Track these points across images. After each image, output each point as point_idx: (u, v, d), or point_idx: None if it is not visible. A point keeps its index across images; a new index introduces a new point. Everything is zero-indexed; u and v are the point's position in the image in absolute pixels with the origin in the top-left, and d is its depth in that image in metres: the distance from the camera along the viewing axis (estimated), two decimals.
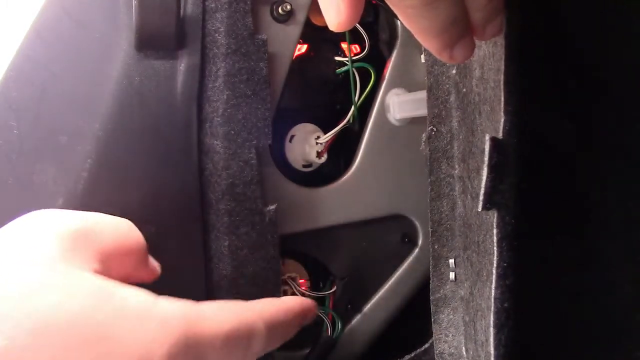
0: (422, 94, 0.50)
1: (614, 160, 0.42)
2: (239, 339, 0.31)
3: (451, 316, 0.46)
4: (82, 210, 0.40)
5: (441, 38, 0.28)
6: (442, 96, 0.46)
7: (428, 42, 0.29)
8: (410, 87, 0.54)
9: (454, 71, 0.44)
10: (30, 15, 0.40)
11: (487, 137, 0.32)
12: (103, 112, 0.41)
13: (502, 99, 0.33)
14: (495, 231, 0.34)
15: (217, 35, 0.44)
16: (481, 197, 0.33)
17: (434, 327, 0.48)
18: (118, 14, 0.42)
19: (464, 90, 0.40)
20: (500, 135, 0.33)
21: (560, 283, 0.42)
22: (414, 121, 0.55)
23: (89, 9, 0.41)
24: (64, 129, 0.40)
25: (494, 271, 0.34)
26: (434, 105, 0.47)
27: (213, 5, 0.44)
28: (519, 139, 0.33)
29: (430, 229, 0.48)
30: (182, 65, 0.43)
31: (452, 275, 0.46)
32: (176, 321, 0.29)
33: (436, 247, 0.48)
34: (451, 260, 0.46)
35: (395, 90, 0.54)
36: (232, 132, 0.45)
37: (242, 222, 0.46)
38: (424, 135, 0.49)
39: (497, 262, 0.34)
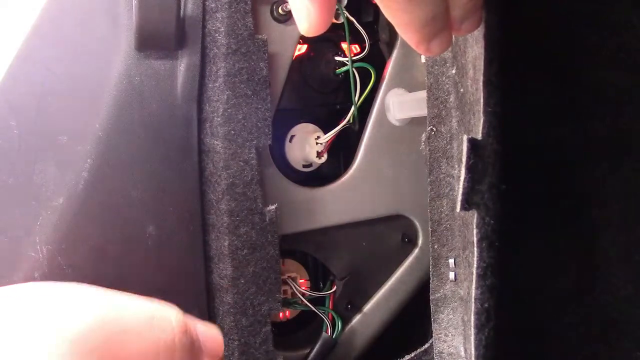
0: (422, 94, 0.50)
1: (613, 160, 0.42)
2: None
3: (451, 316, 0.46)
4: (83, 209, 0.40)
5: (421, 32, 0.29)
6: (442, 96, 0.46)
7: (408, 35, 0.30)
8: (410, 87, 0.54)
9: (453, 71, 0.44)
10: (30, 15, 0.40)
11: (465, 138, 0.32)
12: (103, 112, 0.41)
13: (482, 99, 0.33)
14: (475, 231, 0.34)
15: (217, 35, 0.44)
16: (459, 198, 0.33)
17: (434, 327, 0.48)
18: (118, 14, 0.42)
19: (462, 90, 0.41)
20: (479, 136, 0.33)
21: (553, 283, 0.42)
22: (414, 121, 0.55)
23: (89, 9, 0.41)
24: (64, 129, 0.40)
25: (474, 271, 0.34)
26: (433, 105, 0.47)
27: (213, 5, 0.44)
28: (498, 140, 0.33)
29: (430, 229, 0.48)
30: (182, 65, 0.43)
31: (451, 275, 0.46)
32: None
33: (436, 247, 0.48)
34: (451, 260, 0.46)
35: (395, 90, 0.54)
36: (232, 132, 0.45)
37: (242, 222, 0.46)
38: (423, 135, 0.49)
39: (477, 262, 0.34)
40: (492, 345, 0.35)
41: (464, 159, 0.32)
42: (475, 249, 0.34)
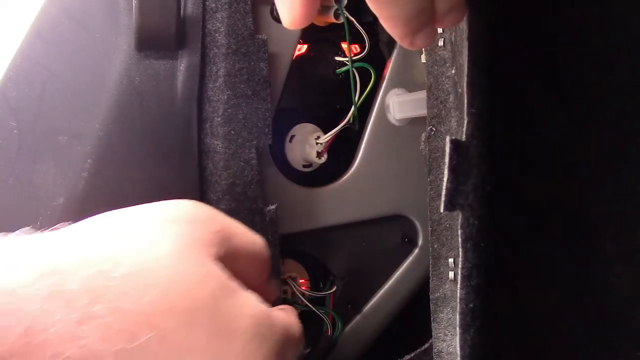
0: (422, 94, 0.50)
1: (613, 160, 0.42)
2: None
3: (450, 315, 0.46)
4: (83, 209, 0.40)
5: (407, 26, 0.29)
6: (442, 96, 0.46)
7: (393, 28, 0.30)
8: (410, 87, 0.54)
9: (453, 71, 0.44)
10: (30, 15, 0.40)
11: (447, 139, 0.33)
12: (103, 112, 0.41)
13: (466, 100, 0.33)
14: (459, 232, 0.34)
15: (217, 35, 0.44)
16: (442, 199, 0.33)
17: (433, 326, 0.48)
18: (118, 15, 0.42)
19: (459, 90, 0.41)
20: (463, 137, 0.33)
21: (553, 283, 0.42)
22: (414, 121, 0.54)
23: (89, 9, 0.41)
24: (64, 129, 0.40)
25: (459, 272, 0.34)
26: (433, 106, 0.47)
27: (213, 5, 0.44)
28: (483, 142, 0.33)
29: (429, 228, 0.48)
30: (182, 65, 0.43)
31: (451, 274, 0.46)
32: (280, 335, 0.32)
33: (435, 246, 0.48)
34: (450, 260, 0.46)
35: (395, 90, 0.54)
36: (233, 132, 0.45)
37: (242, 222, 0.45)
38: (423, 135, 0.49)
39: (461, 262, 0.34)
40: (478, 346, 0.35)
41: (447, 160, 0.32)
42: (460, 249, 0.34)
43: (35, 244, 0.28)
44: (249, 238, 0.35)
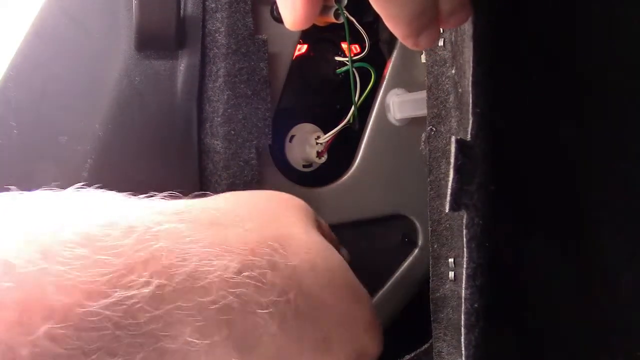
0: (422, 94, 0.49)
1: (614, 160, 0.42)
2: None
3: (450, 315, 0.46)
4: None
5: (410, 26, 0.29)
6: (442, 96, 0.46)
7: (396, 28, 0.30)
8: (410, 87, 0.54)
9: (453, 71, 0.44)
10: (30, 15, 0.40)
11: (453, 139, 0.33)
12: (103, 112, 0.41)
13: (470, 100, 0.33)
14: (464, 232, 0.34)
15: (217, 35, 0.44)
16: (448, 199, 0.33)
17: (434, 326, 0.48)
18: (118, 14, 0.42)
19: (460, 90, 0.41)
20: (468, 136, 0.33)
21: (554, 284, 0.42)
22: (414, 121, 0.54)
23: (88, 9, 0.41)
24: (64, 129, 0.40)
25: (464, 272, 0.35)
26: (433, 105, 0.47)
27: (213, 5, 0.44)
28: (487, 141, 0.33)
29: (429, 229, 0.48)
30: (182, 65, 0.43)
31: (451, 274, 0.46)
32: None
33: (436, 246, 0.48)
34: (451, 260, 0.46)
35: (395, 90, 0.54)
36: (233, 132, 0.45)
37: None
38: (423, 135, 0.49)
39: (466, 262, 0.34)
40: (483, 346, 0.35)
41: (452, 160, 0.33)
42: (465, 249, 0.34)
43: (189, 202, 0.31)
44: (325, 223, 0.40)
